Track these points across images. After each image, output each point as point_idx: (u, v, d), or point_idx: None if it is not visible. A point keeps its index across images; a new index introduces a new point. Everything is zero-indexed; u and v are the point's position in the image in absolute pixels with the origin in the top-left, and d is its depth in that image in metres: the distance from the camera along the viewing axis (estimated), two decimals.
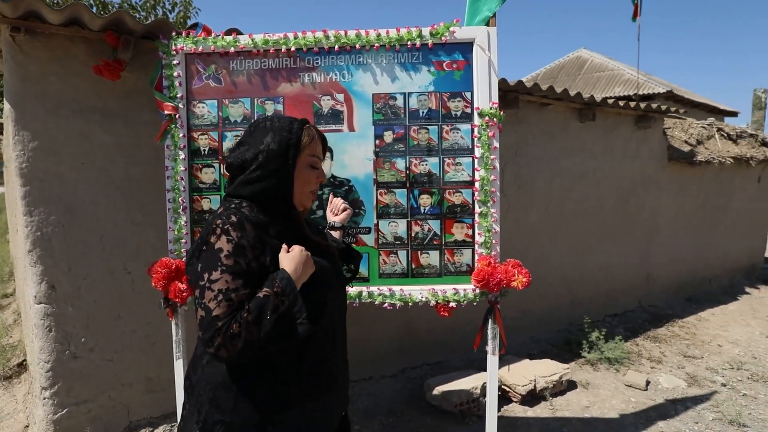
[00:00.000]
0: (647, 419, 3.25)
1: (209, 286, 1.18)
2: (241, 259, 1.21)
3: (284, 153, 1.32)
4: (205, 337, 1.15)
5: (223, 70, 2.31)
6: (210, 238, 1.23)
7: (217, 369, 1.29)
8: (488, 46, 2.27)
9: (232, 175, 1.36)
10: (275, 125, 1.35)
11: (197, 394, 1.32)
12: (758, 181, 6.65)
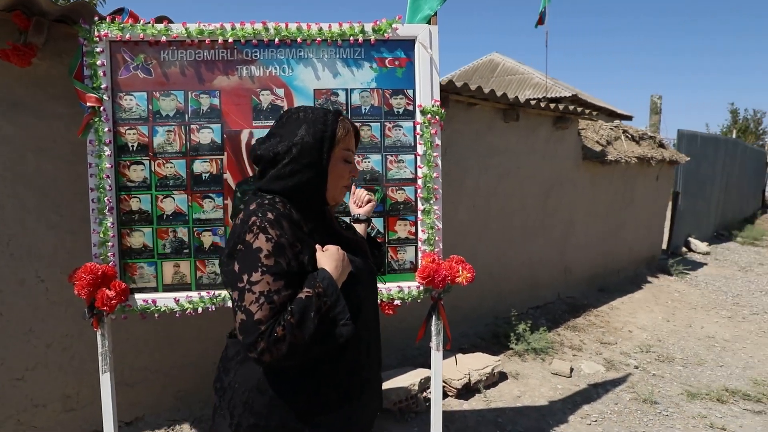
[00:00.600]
0: (573, 404, 3.44)
1: (249, 288, 1.13)
2: (281, 258, 1.16)
3: (319, 146, 1.27)
4: (247, 341, 1.10)
5: (153, 61, 2.16)
6: (247, 237, 1.16)
7: (252, 371, 1.23)
8: (430, 44, 2.30)
9: (263, 168, 1.29)
10: (309, 117, 1.29)
11: (230, 397, 1.26)
12: (656, 179, 7.27)
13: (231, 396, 1.26)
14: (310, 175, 1.26)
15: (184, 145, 2.19)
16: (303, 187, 1.26)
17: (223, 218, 2.22)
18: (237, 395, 1.25)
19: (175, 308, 2.17)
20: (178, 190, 2.19)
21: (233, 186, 2.22)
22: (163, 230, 2.19)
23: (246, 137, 2.22)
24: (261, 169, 1.31)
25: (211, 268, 2.22)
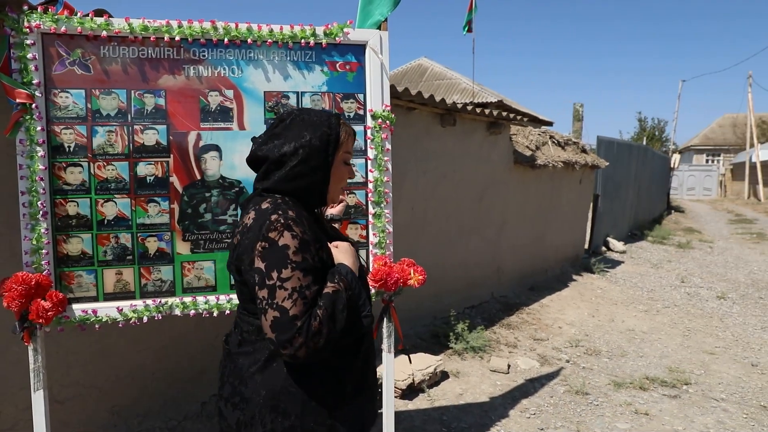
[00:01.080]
0: (512, 399, 3.59)
1: (281, 285, 1.15)
2: (307, 254, 1.20)
3: (325, 149, 1.32)
4: (282, 338, 1.12)
5: (91, 56, 2.04)
6: (270, 234, 1.18)
7: (275, 376, 1.23)
8: (381, 50, 2.33)
9: (266, 169, 1.33)
10: (313, 119, 1.34)
11: (255, 407, 1.24)
12: (579, 182, 7.72)
13: (257, 405, 1.26)
14: (317, 177, 1.32)
15: (126, 147, 2.08)
16: (311, 188, 1.32)
17: (170, 223, 2.13)
18: (264, 403, 1.25)
19: (118, 318, 2.06)
20: (120, 194, 2.08)
21: (180, 190, 2.14)
22: (104, 236, 2.07)
23: (194, 139, 2.15)
24: (265, 169, 1.33)
25: (157, 275, 2.13)
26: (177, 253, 2.15)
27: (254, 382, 1.27)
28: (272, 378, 1.25)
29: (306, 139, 1.30)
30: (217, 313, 2.16)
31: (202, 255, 2.17)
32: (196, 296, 2.15)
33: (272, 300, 1.14)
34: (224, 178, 2.19)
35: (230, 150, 2.19)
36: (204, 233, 2.17)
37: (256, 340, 1.31)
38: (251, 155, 1.38)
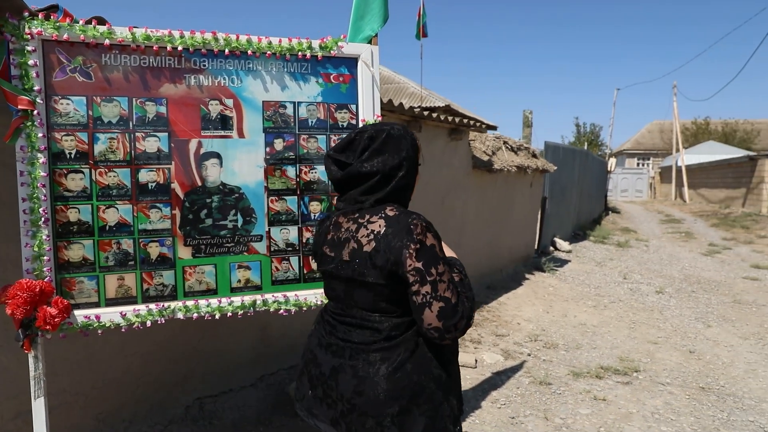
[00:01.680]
0: (482, 391, 3.80)
1: (440, 279, 1.33)
2: (443, 250, 1.41)
3: (415, 158, 1.52)
4: (449, 324, 1.31)
5: (93, 64, 2.06)
6: (419, 237, 1.34)
7: (422, 364, 1.39)
8: (372, 63, 2.46)
9: (377, 182, 1.44)
10: (400, 134, 1.50)
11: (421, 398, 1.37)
12: (530, 186, 8.12)
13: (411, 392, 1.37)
14: (413, 183, 1.54)
15: (128, 154, 2.11)
16: (409, 194, 1.54)
17: (171, 228, 2.18)
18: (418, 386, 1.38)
19: (120, 323, 2.09)
20: (121, 200, 2.11)
21: (181, 196, 2.19)
22: (106, 242, 2.09)
23: (194, 147, 2.20)
24: (374, 183, 1.45)
25: (159, 279, 2.17)
26: (178, 257, 2.19)
27: (405, 370, 1.37)
28: (419, 367, 1.39)
29: (404, 152, 1.48)
30: (219, 315, 2.22)
31: (203, 259, 2.23)
32: (198, 300, 2.21)
33: (435, 293, 1.31)
34: (224, 184, 2.25)
35: (230, 157, 2.26)
36: (205, 238, 2.23)
37: (396, 335, 1.41)
38: (353, 171, 1.45)
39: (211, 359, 3.27)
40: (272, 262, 2.35)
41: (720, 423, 3.39)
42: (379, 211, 1.42)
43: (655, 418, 3.45)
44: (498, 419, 3.40)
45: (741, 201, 18.75)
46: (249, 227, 2.30)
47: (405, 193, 1.52)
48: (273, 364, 3.73)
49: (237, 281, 2.29)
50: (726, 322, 5.70)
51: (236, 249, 2.28)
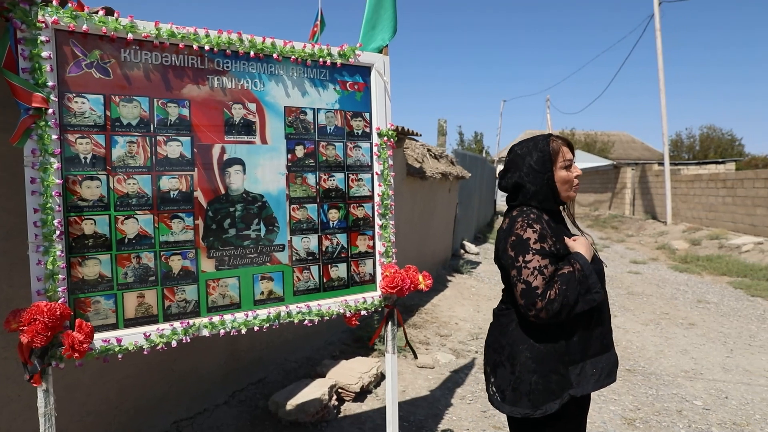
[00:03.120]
0: (448, 389, 3.95)
1: (525, 266, 1.60)
2: (545, 244, 1.64)
3: (542, 167, 1.73)
4: (527, 303, 1.58)
5: (111, 59, 1.86)
6: (517, 230, 1.65)
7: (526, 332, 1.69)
8: (384, 72, 2.48)
9: (512, 192, 1.80)
10: (525, 150, 1.76)
11: (509, 352, 1.71)
12: (449, 192, 8.52)
13: (510, 351, 1.71)
14: (543, 188, 1.73)
15: (149, 159, 1.93)
16: (539, 195, 1.73)
17: (194, 240, 2.03)
18: (516, 350, 1.70)
19: (143, 345, 1.90)
20: (142, 210, 1.92)
21: (205, 205, 2.05)
22: (125, 256, 1.89)
23: (218, 153, 2.07)
24: (511, 193, 1.81)
25: (181, 295, 2.00)
26: (201, 271, 2.05)
27: (511, 334, 1.73)
28: (523, 333, 1.70)
29: (525, 168, 1.75)
30: (245, 330, 2.10)
31: (226, 272, 2.10)
32: (223, 314, 2.07)
33: (519, 276, 1.60)
34: (248, 192, 2.14)
35: (253, 164, 2.16)
36: (228, 249, 2.10)
37: (508, 308, 1.79)
38: (499, 187, 1.89)
39: (185, 379, 3.05)
40: (294, 272, 2.27)
41: (652, 398, 3.86)
42: (510, 212, 1.78)
43: (603, 399, 3.83)
44: (471, 414, 3.56)
45: (608, 204, 21.16)
46: (272, 236, 2.21)
47: (537, 197, 1.74)
48: (242, 380, 3.56)
49: (260, 293, 2.19)
50: (627, 312, 6.44)
51: (259, 260, 2.18)
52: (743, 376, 4.28)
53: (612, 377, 1.77)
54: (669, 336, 5.36)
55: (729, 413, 3.58)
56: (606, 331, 1.77)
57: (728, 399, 3.81)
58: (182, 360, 2.99)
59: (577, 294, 1.58)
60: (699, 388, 4.01)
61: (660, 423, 3.43)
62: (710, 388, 4.01)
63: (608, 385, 1.77)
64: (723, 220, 12.21)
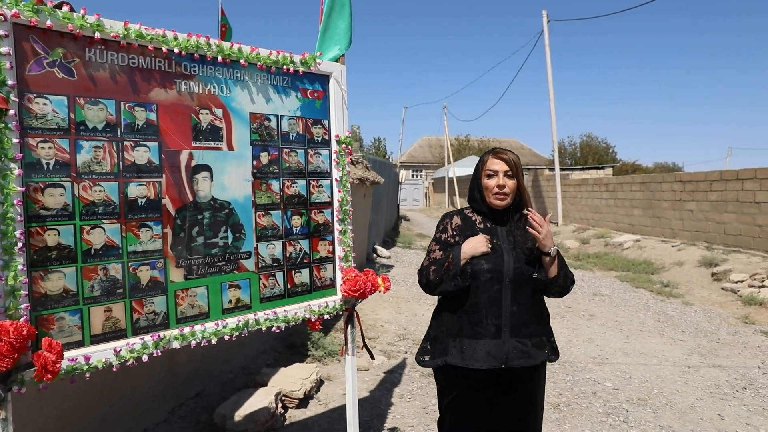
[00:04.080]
0: (386, 390, 4.06)
1: (428, 249, 2.13)
2: (444, 234, 2.09)
3: (474, 173, 2.11)
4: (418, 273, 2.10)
5: (75, 59, 1.75)
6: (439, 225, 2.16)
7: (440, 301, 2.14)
8: (342, 81, 2.55)
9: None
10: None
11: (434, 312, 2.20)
12: (364, 197, 8.66)
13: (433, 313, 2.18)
14: (474, 192, 2.10)
15: (116, 165, 1.84)
16: (471, 197, 2.13)
17: (163, 249, 1.95)
18: (434, 314, 2.17)
19: (113, 361, 1.80)
20: (109, 219, 1.82)
21: (173, 213, 1.98)
22: (91, 268, 1.78)
23: (186, 159, 2.02)
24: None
25: (150, 307, 1.92)
26: (170, 281, 1.98)
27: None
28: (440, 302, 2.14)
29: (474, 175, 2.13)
30: (215, 340, 2.06)
31: (195, 281, 2.05)
32: (193, 325, 2.02)
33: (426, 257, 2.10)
34: (215, 199, 2.10)
35: (220, 170, 2.12)
36: (197, 258, 2.05)
37: None
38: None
39: (126, 397, 2.87)
40: (260, 279, 2.26)
41: (570, 383, 4.26)
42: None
43: None
44: (413, 411, 3.70)
45: None
46: (239, 244, 2.18)
47: (470, 199, 2.15)
48: (181, 395, 3.41)
49: (228, 302, 2.15)
50: None
51: (227, 268, 2.15)
52: (640, 357, 4.85)
53: (482, 363, 1.93)
54: (575, 327, 5.91)
55: (634, 391, 4.06)
56: (479, 322, 1.96)
57: (632, 379, 4.31)
58: (122, 378, 2.81)
59: (440, 276, 1.97)
60: (607, 371, 4.49)
61: (580, 405, 3.80)
62: (616, 371, 4.50)
63: (480, 368, 1.94)
64: (606, 220, 13.60)
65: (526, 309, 2.00)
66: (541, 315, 2.09)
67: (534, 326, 2.03)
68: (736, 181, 9.14)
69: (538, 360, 2.01)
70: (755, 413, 3.70)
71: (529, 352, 1.99)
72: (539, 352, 2.02)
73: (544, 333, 2.08)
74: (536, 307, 2.05)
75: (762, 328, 5.89)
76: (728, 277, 7.81)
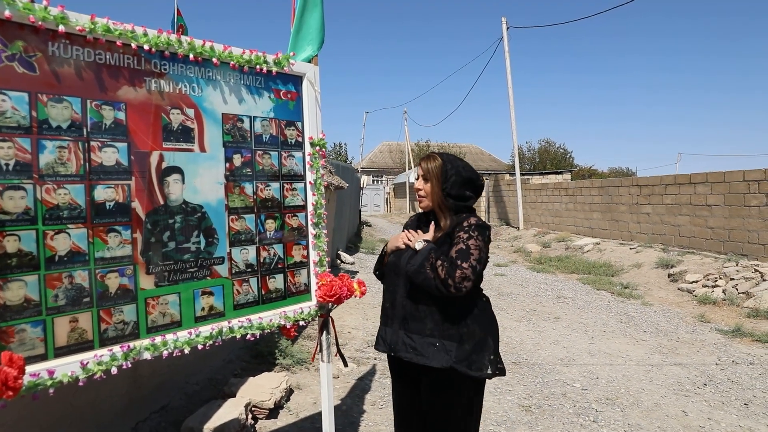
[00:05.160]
0: (358, 397, 4.01)
1: None
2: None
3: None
4: None
5: (37, 53, 1.65)
6: None
7: None
8: (315, 82, 2.50)
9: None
10: None
11: None
12: (328, 201, 8.59)
13: None
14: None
15: (82, 166, 1.74)
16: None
17: (132, 255, 1.86)
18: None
19: (80, 375, 1.69)
20: (74, 223, 1.72)
21: (143, 217, 1.89)
22: (55, 276, 1.68)
23: (156, 160, 1.93)
24: None
25: (119, 316, 1.82)
26: (140, 288, 1.88)
27: None
28: None
29: None
30: (188, 350, 1.97)
31: (166, 288, 1.96)
32: (165, 334, 1.92)
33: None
34: (187, 202, 2.02)
35: (192, 173, 2.04)
36: (168, 264, 1.96)
37: None
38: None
39: (86, 414, 2.72)
40: (234, 285, 2.18)
41: (540, 385, 4.31)
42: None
43: (499, 391, 4.18)
44: (385, 419, 3.66)
45: None
46: (211, 249, 2.10)
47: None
48: (144, 409, 3.26)
49: (201, 309, 2.07)
50: (501, 311, 7.06)
51: (199, 274, 2.06)
52: (605, 358, 4.96)
53: (379, 346, 2.15)
54: (541, 329, 5.99)
55: (602, 391, 4.14)
56: (383, 309, 2.17)
57: (599, 379, 4.40)
58: (82, 392, 2.66)
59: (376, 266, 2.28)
60: (575, 373, 4.56)
61: (551, 406, 3.84)
62: (583, 372, 4.58)
63: (384, 353, 2.18)
64: (566, 224, 13.94)
65: (422, 305, 1.98)
66: (446, 318, 1.95)
67: (429, 325, 1.96)
68: (689, 185, 9.53)
69: (432, 361, 1.92)
70: (716, 408, 3.83)
71: (416, 348, 1.96)
72: (435, 353, 1.92)
73: (443, 336, 1.94)
74: (438, 307, 1.95)
75: (717, 326, 6.14)
76: (684, 278, 8.11)
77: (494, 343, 2.03)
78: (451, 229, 2.00)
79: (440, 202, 2.04)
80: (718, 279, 7.77)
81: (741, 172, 8.53)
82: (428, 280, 1.89)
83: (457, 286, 1.83)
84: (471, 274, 1.86)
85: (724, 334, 5.81)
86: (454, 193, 2.02)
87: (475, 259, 1.89)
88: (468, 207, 2.07)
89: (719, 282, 7.69)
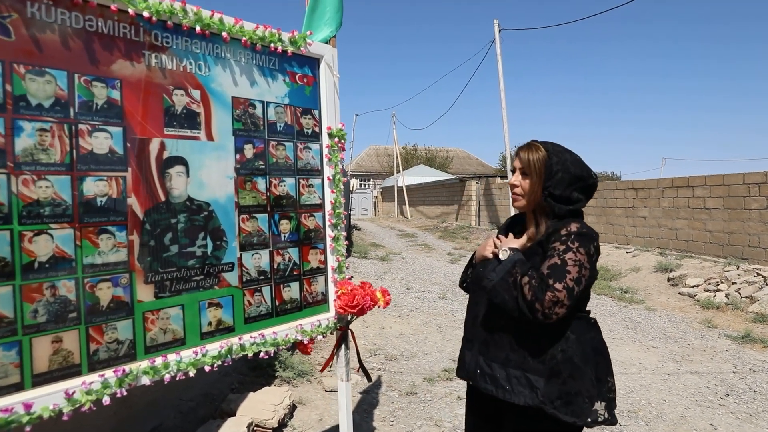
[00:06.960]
0: (365, 412, 3.72)
1: None
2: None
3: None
4: None
5: (12, 14, 1.35)
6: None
7: None
8: (333, 66, 2.23)
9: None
10: None
11: None
12: None
13: None
14: None
15: (68, 154, 1.44)
16: None
17: (128, 260, 1.56)
18: None
19: (64, 408, 1.39)
20: (58, 223, 1.42)
21: (141, 216, 1.59)
22: (34, 287, 1.37)
23: (156, 149, 1.64)
24: None
25: (112, 334, 1.52)
26: (137, 300, 1.59)
27: None
28: None
29: None
30: (194, 372, 1.67)
31: (168, 300, 1.66)
32: (166, 355, 1.63)
33: None
34: (192, 199, 1.73)
35: (197, 164, 1.75)
36: (170, 271, 1.67)
37: None
38: None
39: None
40: (244, 296, 1.89)
41: None
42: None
43: None
44: None
45: (454, 216, 22.68)
46: (219, 253, 1.81)
47: None
48: (135, 430, 2.94)
49: (208, 324, 1.77)
50: None
51: (206, 283, 1.77)
52: (619, 367, 4.74)
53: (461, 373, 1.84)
54: None
55: (622, 402, 3.91)
56: (468, 330, 1.84)
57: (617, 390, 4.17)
58: None
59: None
60: None
61: None
62: None
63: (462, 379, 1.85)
64: None
65: (501, 328, 1.65)
66: (522, 344, 1.61)
67: (509, 353, 1.63)
68: (687, 188, 9.42)
69: (515, 397, 1.59)
70: (744, 421, 3.62)
71: (497, 379, 1.63)
72: (517, 387, 1.59)
73: (526, 368, 1.60)
74: (524, 329, 1.60)
75: (725, 331, 5.97)
76: (684, 282, 7.97)
77: (600, 381, 1.62)
78: (546, 236, 1.61)
79: (539, 203, 1.66)
80: (720, 283, 7.63)
81: (741, 175, 8.44)
82: (507, 302, 1.54)
83: (545, 312, 1.47)
84: (565, 298, 1.47)
85: (734, 340, 5.64)
86: (558, 194, 1.61)
87: (572, 278, 1.49)
88: (575, 211, 1.66)
89: (721, 286, 7.56)
